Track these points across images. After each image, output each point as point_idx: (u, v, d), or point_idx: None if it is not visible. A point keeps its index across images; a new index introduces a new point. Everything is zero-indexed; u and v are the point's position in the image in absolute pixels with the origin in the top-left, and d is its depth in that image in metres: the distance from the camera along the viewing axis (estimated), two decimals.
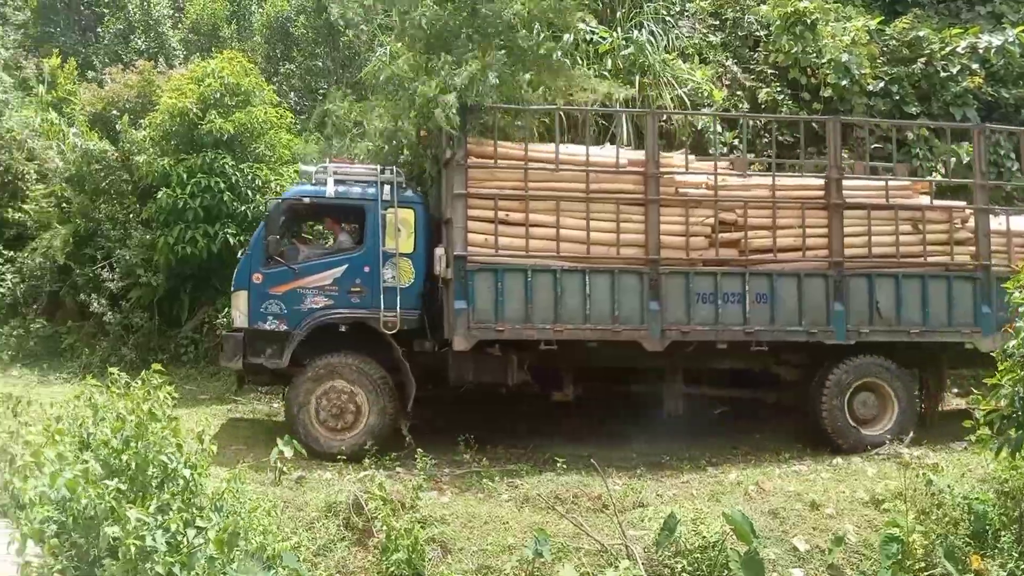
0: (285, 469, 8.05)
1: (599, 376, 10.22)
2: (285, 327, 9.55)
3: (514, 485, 8.34)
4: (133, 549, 4.74)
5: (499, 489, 8.23)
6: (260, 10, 19.58)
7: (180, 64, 17.71)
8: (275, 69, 17.44)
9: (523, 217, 9.57)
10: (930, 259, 10.13)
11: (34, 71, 18.51)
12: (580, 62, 12.35)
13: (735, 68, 14.50)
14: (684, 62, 13.91)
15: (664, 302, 9.54)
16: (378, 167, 10.12)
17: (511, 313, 9.41)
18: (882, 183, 10.33)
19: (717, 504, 7.83)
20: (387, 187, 9.88)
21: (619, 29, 13.65)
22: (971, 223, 10.32)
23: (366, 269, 9.71)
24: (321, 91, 16.54)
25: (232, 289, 10.04)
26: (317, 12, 17.09)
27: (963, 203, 10.61)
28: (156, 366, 6.08)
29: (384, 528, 7.09)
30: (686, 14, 15.30)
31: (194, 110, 12.85)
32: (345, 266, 9.75)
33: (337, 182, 9.95)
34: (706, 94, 13.50)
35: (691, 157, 10.41)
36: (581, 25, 13.23)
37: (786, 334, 9.74)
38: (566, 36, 12.61)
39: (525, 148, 9.79)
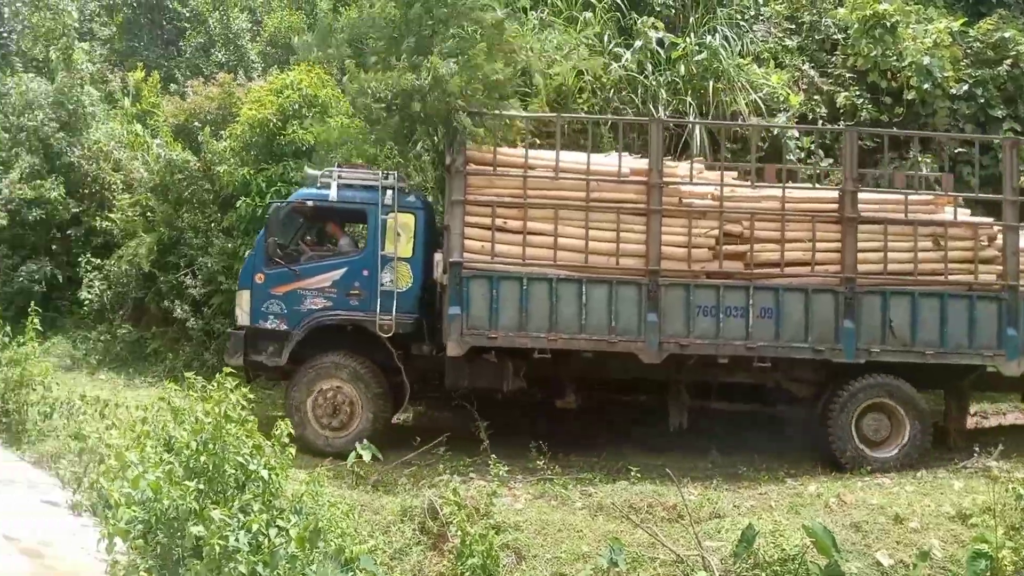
0: (362, 473, 8.16)
1: (605, 386, 10.26)
2: (285, 327, 9.80)
3: (587, 493, 8.30)
4: (217, 548, 4.84)
5: (573, 497, 8.20)
6: (337, 22, 19.92)
7: (258, 76, 18.15)
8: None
9: (521, 224, 9.58)
10: (951, 277, 9.67)
11: (119, 84, 19.20)
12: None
13: (812, 72, 14.27)
14: (759, 67, 13.75)
15: (663, 314, 9.45)
16: (382, 172, 10.21)
17: (505, 321, 9.46)
18: (901, 196, 9.92)
19: (797, 516, 7.66)
20: (389, 192, 9.97)
21: (691, 35, 13.55)
22: (999, 241, 9.82)
23: (365, 273, 9.89)
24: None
25: (237, 288, 10.37)
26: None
27: (990, 219, 10.08)
28: (227, 369, 6.21)
29: (459, 533, 7.10)
30: (761, 18, 15.12)
31: (274, 121, 13.16)
32: (344, 269, 9.95)
33: (340, 187, 10.08)
34: (782, 99, 13.33)
35: (699, 167, 10.26)
36: (651, 32, 13.21)
37: (791, 351, 9.51)
38: (638, 43, 12.68)
39: (525, 155, 9.78)
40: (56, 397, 8.75)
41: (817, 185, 10.12)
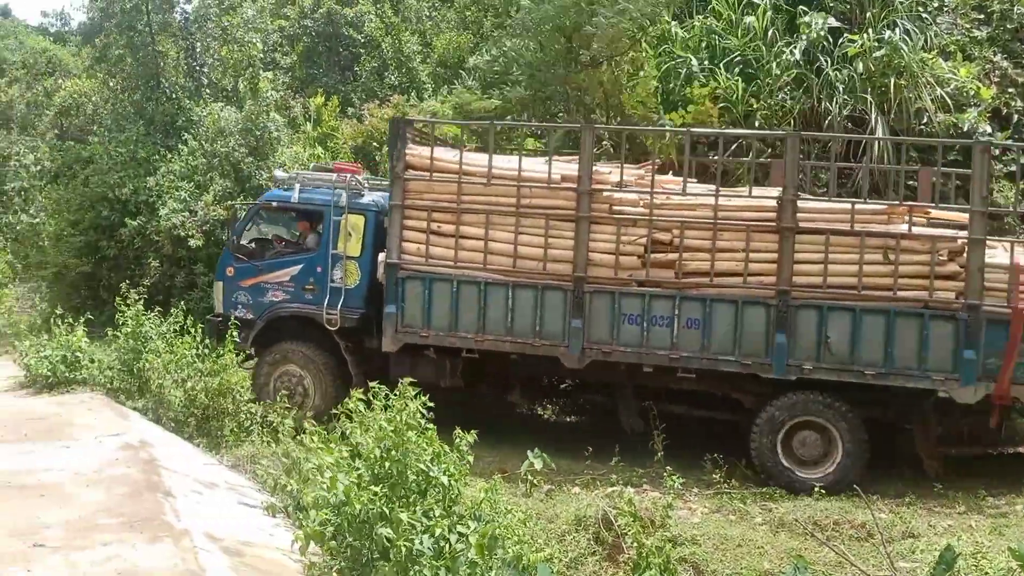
0: (536, 481, 8.21)
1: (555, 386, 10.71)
2: (251, 315, 10.74)
3: (768, 508, 8.03)
4: (404, 551, 4.98)
5: (752, 511, 7.96)
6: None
7: (429, 96, 18.76)
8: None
9: (454, 229, 9.86)
10: (903, 294, 8.83)
11: (301, 110, 20.31)
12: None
13: (1005, 64, 13.29)
14: (945, 60, 12.95)
15: (588, 320, 9.44)
16: (344, 176, 10.81)
17: (437, 320, 9.86)
18: (847, 207, 9.16)
19: (1000, 538, 7.12)
20: (345, 194, 10.57)
21: (870, 30, 12.93)
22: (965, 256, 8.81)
23: (319, 269, 10.62)
24: (560, 115, 16.87)
25: (215, 279, 11.44)
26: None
27: (953, 232, 9.12)
28: (407, 379, 6.37)
29: (634, 545, 7.00)
30: (945, 9, 14.23)
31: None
32: (301, 265, 10.76)
33: (303, 188, 10.91)
34: (971, 93, 12.48)
35: (640, 172, 10.04)
36: (818, 26, 12.73)
37: (717, 363, 9.19)
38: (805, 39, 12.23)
39: (459, 161, 9.90)
40: (250, 405, 9.28)
41: (754, 193, 9.49)
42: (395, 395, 6.24)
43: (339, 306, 10.44)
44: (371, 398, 6.46)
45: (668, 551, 6.87)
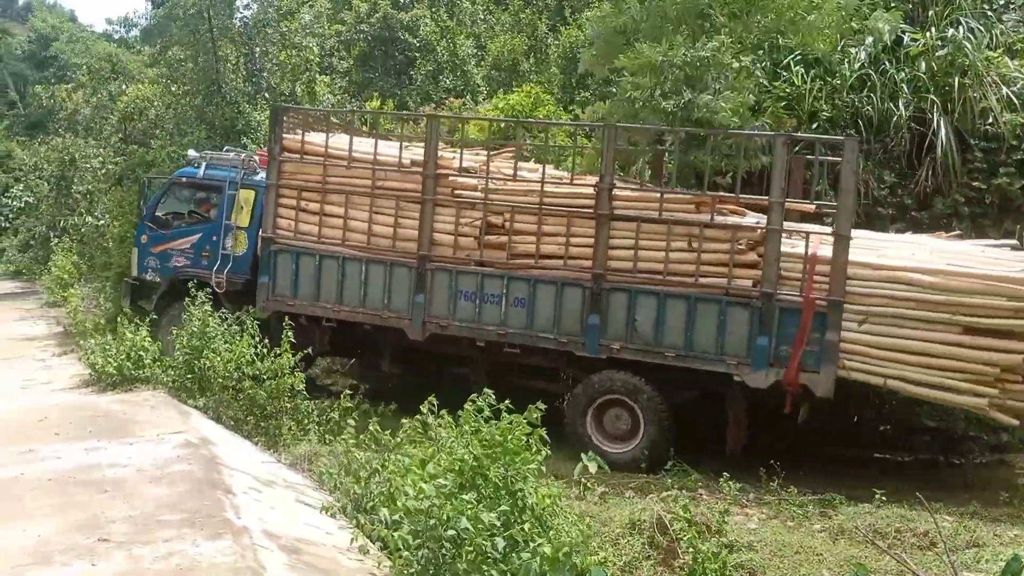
0: (589, 484, 8.19)
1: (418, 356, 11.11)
2: (158, 279, 12.32)
3: (827, 515, 7.90)
4: (481, 549, 4.98)
5: (811, 518, 7.83)
6: (556, 42, 20.37)
7: (484, 99, 18.84)
8: (571, 97, 18.01)
9: (319, 207, 10.94)
10: (703, 280, 9.26)
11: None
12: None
13: None
14: (1011, 59, 12.61)
15: (428, 296, 10.31)
16: (245, 156, 12.29)
17: (303, 291, 10.99)
18: (657, 195, 9.68)
19: None
20: (240, 171, 11.96)
21: (932, 29, 12.66)
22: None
23: (214, 238, 11.97)
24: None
25: (133, 245, 13.05)
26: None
27: (754, 222, 9.41)
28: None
29: (690, 550, 6.94)
30: (1012, 7, 13.87)
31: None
32: (201, 234, 12.18)
33: (208, 166, 12.42)
34: None
35: (480, 158, 10.75)
36: (884, 26, 12.47)
37: (539, 340, 9.90)
38: (869, 39, 11.99)
39: (325, 145, 10.99)
40: (308, 404, 9.39)
41: (576, 181, 10.16)
42: (504, 408, 6.23)
43: (226, 272, 11.76)
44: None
45: (724, 557, 6.79)
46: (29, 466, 7.33)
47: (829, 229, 9.28)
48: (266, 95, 21.36)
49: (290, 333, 9.47)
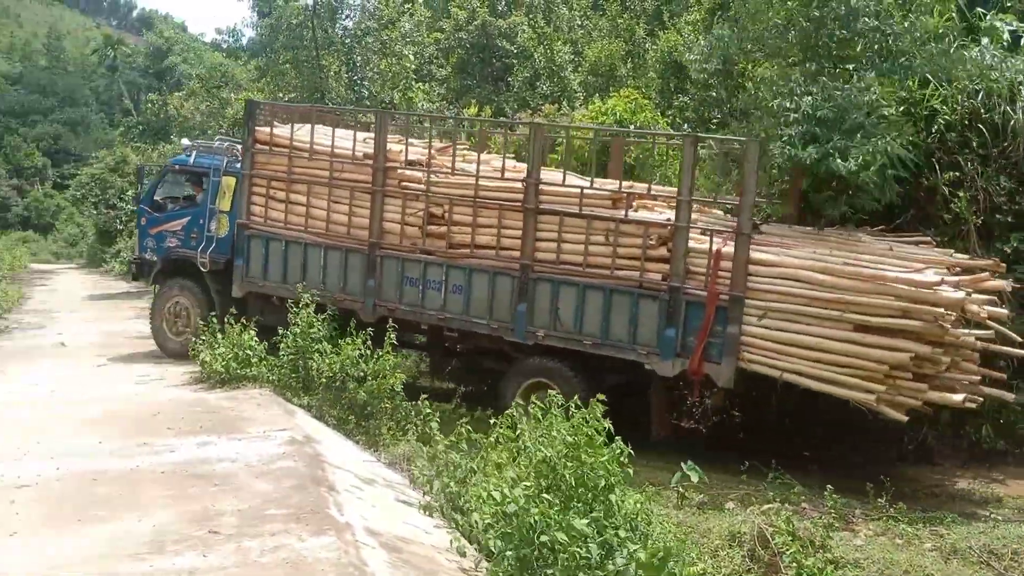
0: (687, 494, 8.06)
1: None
2: (155, 258, 13.60)
3: (938, 534, 7.59)
4: (576, 558, 4.97)
5: (920, 536, 7.53)
6: (654, 47, 20.17)
7: (580, 105, 18.78)
8: (669, 103, 17.80)
9: (285, 196, 11.86)
10: (618, 273, 9.72)
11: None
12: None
13: None
14: None
15: (379, 281, 11.04)
16: (228, 144, 13.38)
17: (272, 274, 11.95)
18: (578, 191, 9.99)
19: None
20: (224, 159, 12.96)
21: None
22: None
23: (201, 221, 13.02)
24: (714, 120, 16.57)
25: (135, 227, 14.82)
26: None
27: (665, 218, 9.75)
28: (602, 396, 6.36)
29: (793, 565, 6.77)
30: None
31: (588, 148, 13.51)
32: (189, 217, 13.29)
33: (199, 155, 13.61)
34: None
35: (425, 151, 11.25)
36: (997, 23, 11.95)
37: (474, 325, 10.49)
38: (985, 40, 11.49)
39: (291, 138, 11.81)
40: (407, 405, 9.53)
41: (506, 176, 10.52)
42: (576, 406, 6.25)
43: (210, 252, 12.83)
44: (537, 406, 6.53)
45: (829, 573, 6.61)
46: (144, 458, 7.66)
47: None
48: (367, 102, 21.83)
49: (393, 336, 9.66)
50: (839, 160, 9.20)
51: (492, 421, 7.08)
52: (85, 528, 6.07)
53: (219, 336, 10.71)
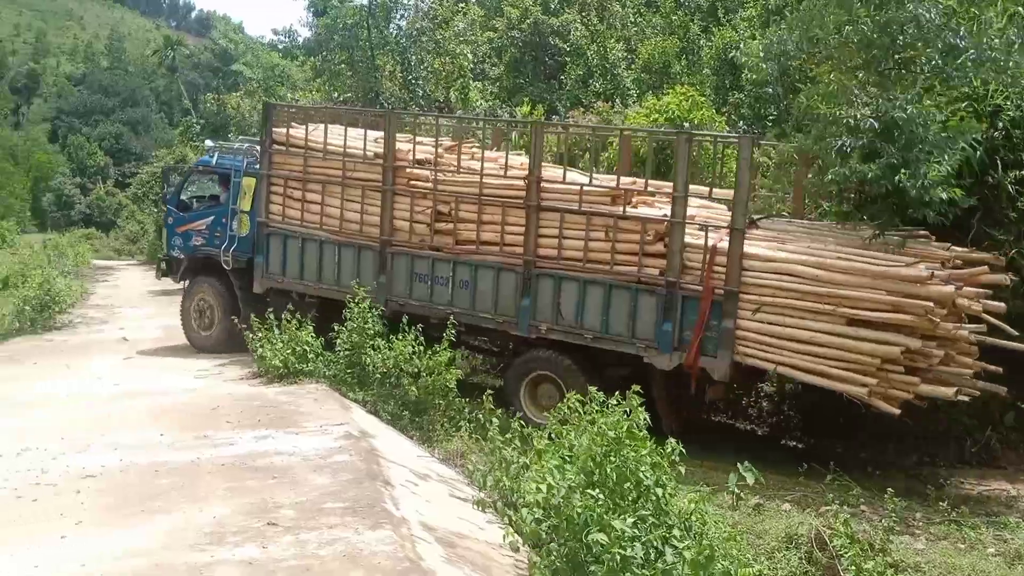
0: (743, 495, 7.97)
1: None
2: (182, 255, 14.11)
3: (1002, 538, 7.42)
4: (618, 558, 4.96)
5: (983, 540, 7.36)
6: (708, 44, 19.99)
7: (633, 103, 18.70)
8: (724, 99, 17.64)
9: (301, 195, 12.20)
10: (617, 268, 9.92)
11: (508, 118, 20.80)
12: None
13: None
14: None
15: (390, 277, 11.38)
16: (248, 146, 13.76)
17: (290, 270, 12.38)
18: (577, 188, 10.18)
19: None
20: (246, 160, 13.36)
21: None
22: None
23: (224, 220, 13.43)
24: (770, 118, 16.35)
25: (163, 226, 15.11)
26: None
27: (663, 215, 9.84)
28: (636, 388, 6.32)
29: (852, 568, 6.66)
30: None
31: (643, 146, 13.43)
32: (213, 217, 13.69)
33: (221, 156, 14.01)
34: None
35: (434, 150, 11.40)
36: None
37: (480, 319, 10.76)
38: None
39: (306, 138, 12.16)
40: (460, 402, 9.59)
41: (509, 173, 10.72)
42: (617, 402, 6.23)
43: (232, 251, 13.22)
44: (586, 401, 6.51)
45: None
46: (204, 451, 7.81)
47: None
48: (420, 101, 21.99)
49: (452, 332, 9.72)
50: (904, 176, 8.89)
51: (546, 414, 7.09)
52: (147, 518, 6.21)
53: (276, 332, 10.85)
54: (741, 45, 17.79)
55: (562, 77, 22.88)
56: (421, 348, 9.61)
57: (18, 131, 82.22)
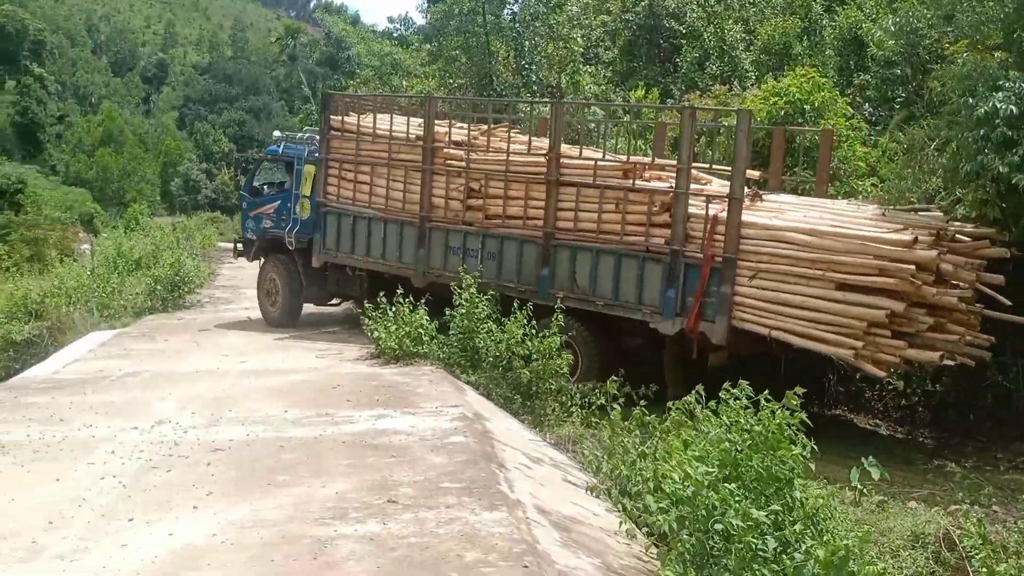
0: (866, 491, 7.72)
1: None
2: (255, 237, 15.37)
3: None
4: (751, 548, 4.86)
5: None
6: (832, 23, 19.30)
7: (752, 85, 18.23)
8: (848, 81, 17.01)
9: (354, 176, 13.38)
10: (627, 238, 10.47)
11: (622, 102, 20.59)
12: None
13: None
14: None
15: (427, 250, 12.40)
16: (309, 135, 15.10)
17: (343, 246, 13.61)
18: (591, 163, 10.91)
19: None
20: (306, 149, 14.50)
21: None
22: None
23: (289, 205, 14.67)
24: (898, 99, 15.69)
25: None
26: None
27: (666, 186, 10.41)
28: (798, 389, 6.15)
29: (983, 571, 6.35)
30: None
31: (763, 129, 13.10)
32: (279, 201, 14.95)
33: (287, 145, 15.12)
34: None
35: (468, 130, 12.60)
36: None
37: (505, 288, 11.23)
38: None
39: (357, 123, 13.37)
40: (570, 387, 9.57)
41: (531, 152, 11.68)
42: (765, 400, 6.07)
43: (295, 232, 14.37)
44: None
45: None
46: (327, 428, 8.06)
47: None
48: (534, 87, 22.01)
49: (561, 318, 9.72)
50: None
51: (669, 405, 6.98)
52: (273, 491, 6.45)
53: (391, 314, 11.09)
54: (870, 20, 17.17)
55: (677, 60, 22.50)
56: (532, 332, 9.65)
57: (149, 118, 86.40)
